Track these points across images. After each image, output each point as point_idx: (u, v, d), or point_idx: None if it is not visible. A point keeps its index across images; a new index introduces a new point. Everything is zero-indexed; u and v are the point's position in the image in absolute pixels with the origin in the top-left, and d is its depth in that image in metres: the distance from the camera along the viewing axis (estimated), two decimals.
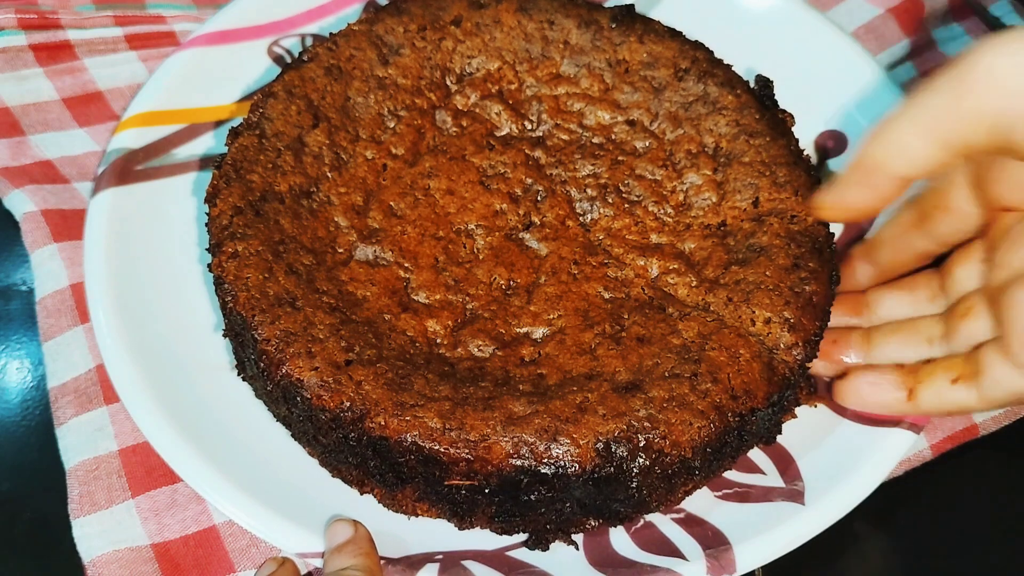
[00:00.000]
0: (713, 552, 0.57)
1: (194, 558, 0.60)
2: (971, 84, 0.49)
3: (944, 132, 0.51)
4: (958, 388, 0.57)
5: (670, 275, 0.64)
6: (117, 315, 0.65)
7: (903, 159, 0.53)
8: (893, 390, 0.61)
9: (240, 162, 0.66)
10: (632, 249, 0.66)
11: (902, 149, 0.52)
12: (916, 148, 0.52)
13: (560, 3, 0.77)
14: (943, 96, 0.50)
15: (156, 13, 0.90)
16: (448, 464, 0.55)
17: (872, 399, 0.62)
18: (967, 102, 0.49)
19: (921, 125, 0.51)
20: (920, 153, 0.52)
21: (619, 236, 0.67)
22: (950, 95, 0.50)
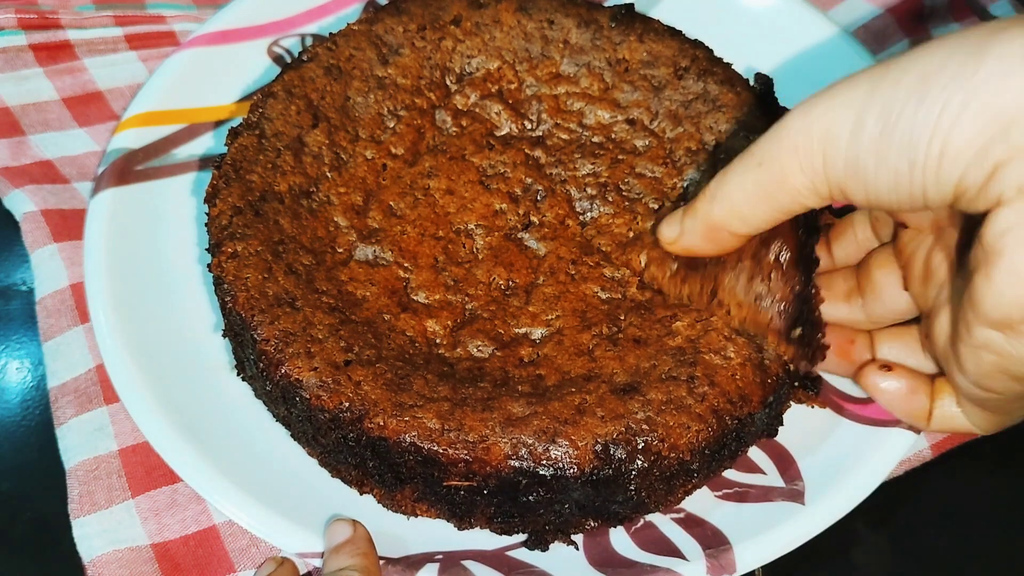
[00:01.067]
0: (713, 552, 0.57)
1: (194, 558, 0.60)
2: (783, 162, 0.48)
3: (775, 204, 0.50)
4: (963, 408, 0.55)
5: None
6: (117, 315, 0.65)
7: (743, 224, 0.53)
8: (923, 400, 0.57)
9: (240, 162, 0.66)
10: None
11: (740, 216, 0.52)
12: (754, 215, 0.52)
13: (560, 2, 0.77)
14: (760, 173, 0.50)
15: (156, 13, 0.90)
16: (447, 465, 0.55)
17: (902, 406, 0.57)
18: (786, 181, 0.48)
19: (753, 197, 0.51)
20: (759, 218, 0.52)
21: (620, 234, 0.67)
22: (766, 173, 0.49)
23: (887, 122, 0.44)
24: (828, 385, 0.66)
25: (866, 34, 0.90)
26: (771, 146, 0.49)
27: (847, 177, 0.46)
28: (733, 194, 0.52)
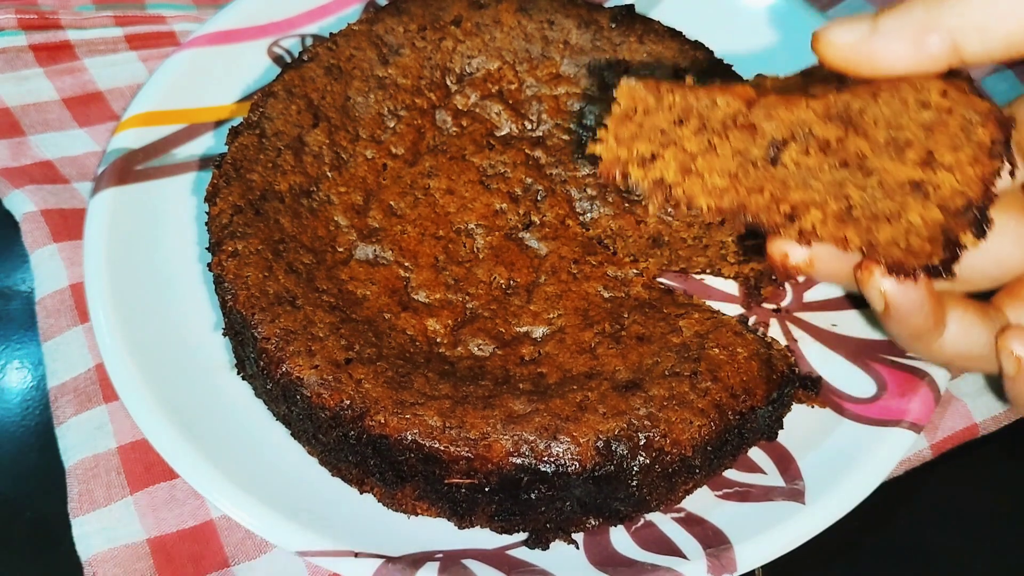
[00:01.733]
0: (713, 551, 0.57)
1: (189, 552, 0.60)
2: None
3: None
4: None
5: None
6: (117, 314, 0.65)
7: (979, 38, 0.44)
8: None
9: (240, 161, 0.66)
10: (632, 245, 0.66)
11: (984, 26, 0.42)
12: (1007, 31, 0.43)
13: (560, 3, 0.77)
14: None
15: (156, 13, 0.90)
16: (448, 462, 0.55)
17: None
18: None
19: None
20: (1009, 39, 0.43)
21: (620, 234, 0.67)
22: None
23: None
24: (828, 385, 0.66)
25: None
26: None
27: None
28: (987, 2, 0.43)
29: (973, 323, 0.53)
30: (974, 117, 0.46)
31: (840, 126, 0.47)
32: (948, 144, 0.46)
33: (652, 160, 0.50)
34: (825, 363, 0.67)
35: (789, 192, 0.49)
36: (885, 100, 0.46)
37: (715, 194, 0.50)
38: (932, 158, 0.47)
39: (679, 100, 0.48)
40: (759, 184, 0.49)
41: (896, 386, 0.64)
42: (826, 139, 0.48)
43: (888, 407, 0.64)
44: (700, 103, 0.48)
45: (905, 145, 0.47)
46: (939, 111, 0.46)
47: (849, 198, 0.49)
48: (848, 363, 0.67)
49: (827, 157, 0.48)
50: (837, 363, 0.67)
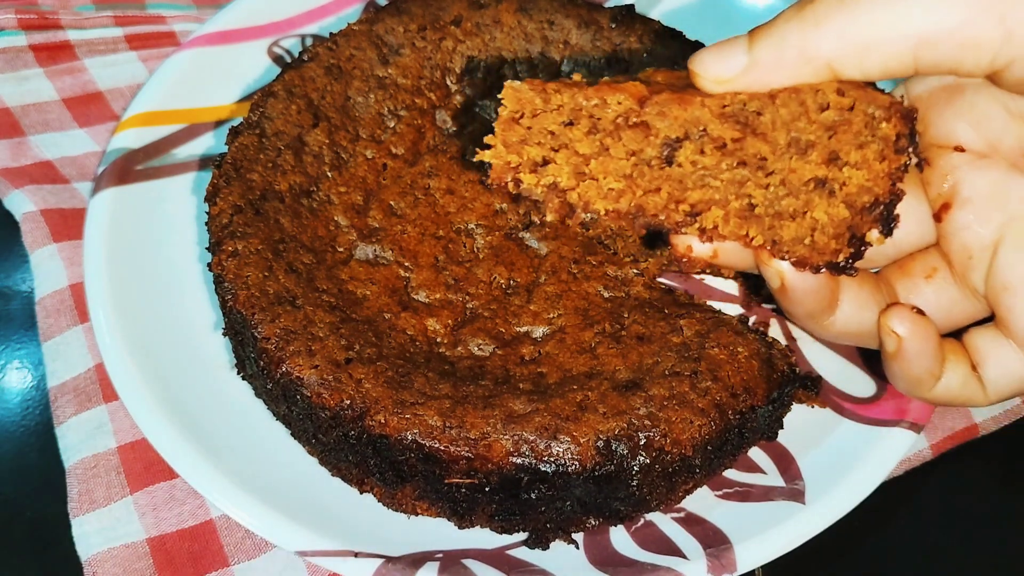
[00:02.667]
0: (714, 551, 0.57)
1: (189, 552, 0.60)
2: (976, 4, 0.41)
3: (928, 52, 0.43)
4: (967, 381, 0.52)
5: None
6: (117, 314, 0.65)
7: (857, 65, 0.44)
8: (935, 363, 0.52)
9: (240, 161, 0.66)
10: (632, 245, 0.66)
11: (861, 55, 0.44)
12: (882, 60, 0.44)
13: (560, 3, 0.77)
14: (925, 7, 0.42)
15: (156, 13, 0.90)
16: (448, 462, 0.55)
17: (917, 362, 0.52)
18: (965, 30, 0.42)
19: (897, 35, 0.43)
20: (886, 65, 0.44)
21: (620, 234, 0.67)
22: (939, 10, 0.42)
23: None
24: (828, 385, 0.66)
25: None
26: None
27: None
28: (866, 22, 0.43)
29: (866, 301, 0.53)
30: (877, 112, 0.45)
31: (736, 127, 0.46)
32: (853, 142, 0.46)
33: (544, 165, 0.49)
34: (825, 363, 0.67)
35: (687, 192, 0.49)
36: (783, 102, 0.46)
37: (611, 197, 0.49)
38: (837, 158, 0.46)
39: (568, 100, 0.47)
40: (656, 184, 0.49)
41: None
42: (722, 139, 0.47)
43: (888, 407, 0.64)
44: (590, 103, 0.47)
45: (807, 146, 0.46)
46: (840, 110, 0.45)
47: (751, 197, 0.48)
48: (848, 363, 0.67)
49: (724, 157, 0.47)
50: (837, 363, 0.67)
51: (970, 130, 0.51)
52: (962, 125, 0.51)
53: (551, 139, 0.48)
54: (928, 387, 0.53)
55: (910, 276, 0.55)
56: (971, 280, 0.52)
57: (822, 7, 0.44)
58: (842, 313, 0.53)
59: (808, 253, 0.49)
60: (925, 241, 0.54)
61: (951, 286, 0.54)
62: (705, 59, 0.46)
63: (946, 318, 0.54)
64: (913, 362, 0.51)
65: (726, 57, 0.46)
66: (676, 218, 0.49)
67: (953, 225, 0.52)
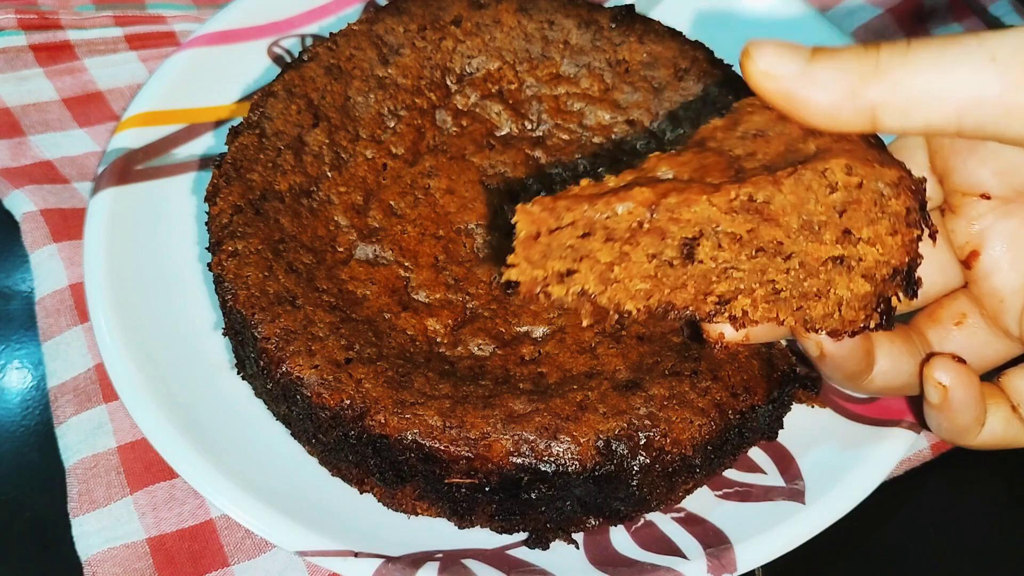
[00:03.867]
0: (713, 551, 0.57)
1: (189, 551, 0.60)
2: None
3: (974, 117, 0.42)
4: (1011, 422, 0.53)
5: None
6: (117, 314, 0.65)
7: (900, 118, 0.43)
8: (979, 409, 0.53)
9: (240, 161, 0.66)
10: None
11: (906, 109, 0.43)
12: (926, 116, 0.43)
13: (560, 3, 0.77)
14: (984, 72, 0.41)
15: (156, 13, 0.90)
16: (448, 462, 0.55)
17: (963, 412, 0.52)
18: (1019, 95, 0.41)
19: (947, 95, 0.42)
20: (928, 122, 0.43)
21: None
22: (994, 75, 0.41)
23: None
24: (828, 385, 0.66)
25: (866, 34, 0.90)
26: (1019, 47, 0.41)
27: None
28: (918, 79, 0.43)
29: (901, 354, 0.54)
30: (886, 189, 0.45)
31: (748, 218, 0.46)
32: (864, 220, 0.46)
33: (570, 275, 0.49)
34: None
35: (712, 284, 0.49)
36: (789, 188, 0.46)
37: (640, 297, 0.49)
38: (850, 234, 0.47)
39: (579, 216, 0.47)
40: (681, 281, 0.49)
41: None
42: (736, 233, 0.47)
43: (888, 407, 0.64)
44: (601, 216, 0.46)
45: (820, 227, 0.47)
46: (848, 189, 0.45)
47: (774, 282, 0.49)
48: None
49: (742, 248, 0.47)
50: None
51: (995, 178, 0.51)
52: (986, 173, 0.51)
53: (571, 251, 0.48)
54: (974, 434, 0.53)
55: (940, 323, 0.55)
56: (1003, 322, 0.53)
57: (886, 56, 0.44)
58: (880, 369, 0.54)
59: (839, 326, 0.49)
60: (950, 287, 0.55)
61: (982, 329, 0.54)
62: (765, 49, 0.46)
63: (979, 360, 0.54)
64: (960, 411, 0.52)
65: (784, 57, 0.45)
66: (706, 309, 0.50)
67: (983, 270, 0.52)
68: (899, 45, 0.44)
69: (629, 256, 0.48)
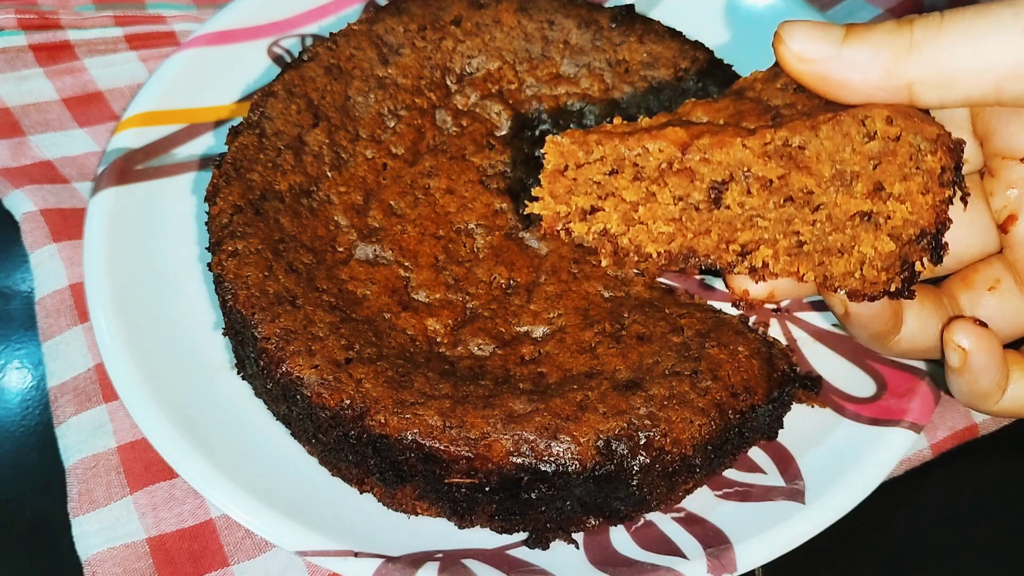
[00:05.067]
0: (714, 551, 0.57)
1: (189, 551, 0.60)
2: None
3: (1013, 87, 0.42)
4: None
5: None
6: (117, 314, 0.65)
7: (937, 91, 0.44)
8: (1000, 375, 0.52)
9: (240, 161, 0.66)
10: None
11: (945, 84, 0.43)
12: (964, 90, 0.43)
13: (560, 3, 0.77)
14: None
15: (156, 13, 0.90)
16: (448, 462, 0.55)
17: (984, 375, 0.52)
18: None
19: (987, 67, 0.43)
20: (966, 95, 0.43)
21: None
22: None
23: None
24: (828, 385, 0.66)
25: None
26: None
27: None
28: (955, 53, 0.43)
29: (930, 316, 0.54)
30: (923, 144, 0.45)
31: (781, 163, 0.46)
32: (897, 174, 0.46)
33: (593, 213, 0.49)
34: (825, 363, 0.67)
35: (736, 232, 0.49)
36: (827, 134, 0.45)
37: (662, 240, 0.49)
38: (881, 188, 0.46)
39: (609, 151, 0.46)
40: (705, 227, 0.48)
41: (896, 386, 0.64)
42: (767, 178, 0.47)
43: (888, 407, 0.64)
44: (632, 152, 0.46)
45: (852, 178, 0.46)
46: (885, 140, 0.45)
47: (799, 234, 0.48)
48: (848, 363, 0.67)
49: (771, 195, 0.47)
50: (837, 363, 0.67)
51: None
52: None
53: (597, 188, 0.48)
54: (994, 399, 0.53)
55: (973, 288, 0.55)
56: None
57: (919, 32, 0.44)
58: (907, 331, 0.54)
59: (860, 286, 0.49)
60: (987, 251, 0.54)
61: (1015, 296, 0.54)
62: (797, 32, 0.46)
63: (1011, 327, 0.54)
64: (980, 375, 0.52)
65: (817, 39, 0.45)
66: (727, 258, 0.50)
67: (1020, 236, 0.52)
68: (932, 19, 0.43)
69: (655, 197, 0.48)
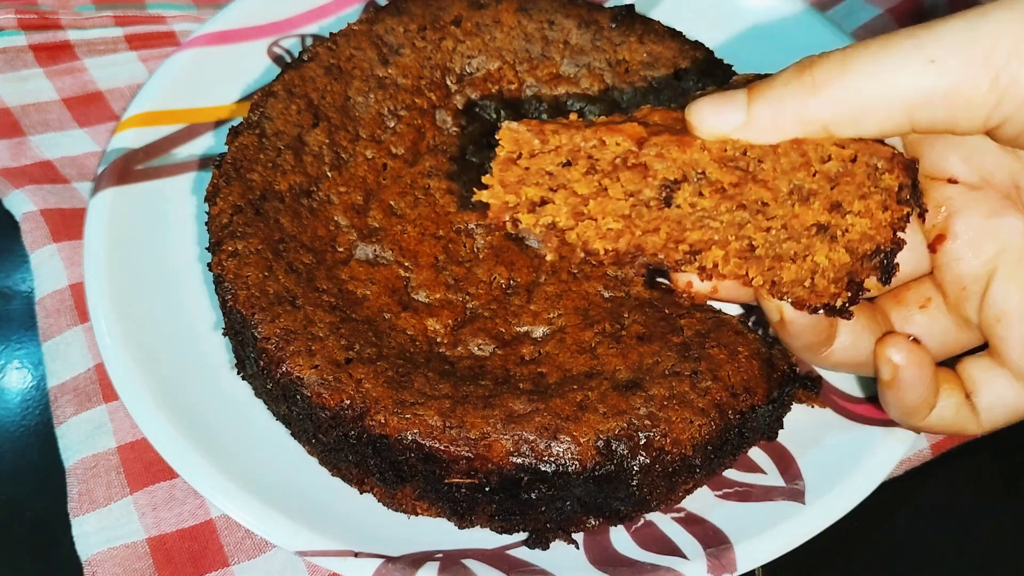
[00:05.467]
0: (714, 551, 0.57)
1: (189, 552, 0.60)
2: (968, 69, 0.42)
3: (925, 114, 0.44)
4: (960, 409, 0.53)
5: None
6: (117, 314, 0.65)
7: (852, 126, 0.45)
8: (929, 391, 0.53)
9: (240, 161, 0.66)
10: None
11: (856, 117, 0.44)
12: (878, 121, 0.44)
13: (560, 3, 0.77)
14: (926, 74, 0.43)
15: (156, 13, 0.90)
16: (448, 462, 0.55)
17: (913, 390, 0.53)
18: (961, 91, 0.43)
19: (894, 98, 0.44)
20: (882, 126, 0.45)
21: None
22: (937, 75, 0.43)
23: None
24: (828, 385, 0.66)
25: (866, 34, 0.90)
26: (955, 44, 0.42)
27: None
28: (861, 89, 0.44)
29: (862, 331, 0.54)
30: (880, 163, 0.45)
31: (736, 173, 0.46)
32: (855, 192, 0.46)
33: (542, 205, 0.48)
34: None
35: (686, 232, 0.48)
36: (784, 151, 0.45)
37: (610, 237, 0.49)
38: (840, 206, 0.46)
39: (566, 141, 0.46)
40: (654, 225, 0.48)
41: None
42: (721, 183, 0.46)
43: None
44: (588, 144, 0.46)
45: (809, 195, 0.46)
46: (842, 161, 0.45)
47: (751, 238, 0.48)
48: None
49: (723, 200, 0.47)
50: None
51: (962, 164, 0.51)
52: (954, 159, 0.51)
53: (549, 179, 0.47)
54: (922, 416, 0.53)
55: (905, 305, 0.55)
56: (964, 310, 0.53)
57: (820, 73, 0.44)
58: (839, 344, 0.54)
59: (807, 295, 0.49)
60: (919, 271, 0.55)
61: (944, 315, 0.54)
62: (702, 110, 0.47)
63: (940, 347, 0.55)
64: (909, 391, 0.52)
65: (723, 112, 0.46)
66: (676, 257, 0.49)
67: (947, 256, 0.53)
68: (834, 57, 0.44)
69: (607, 191, 0.47)
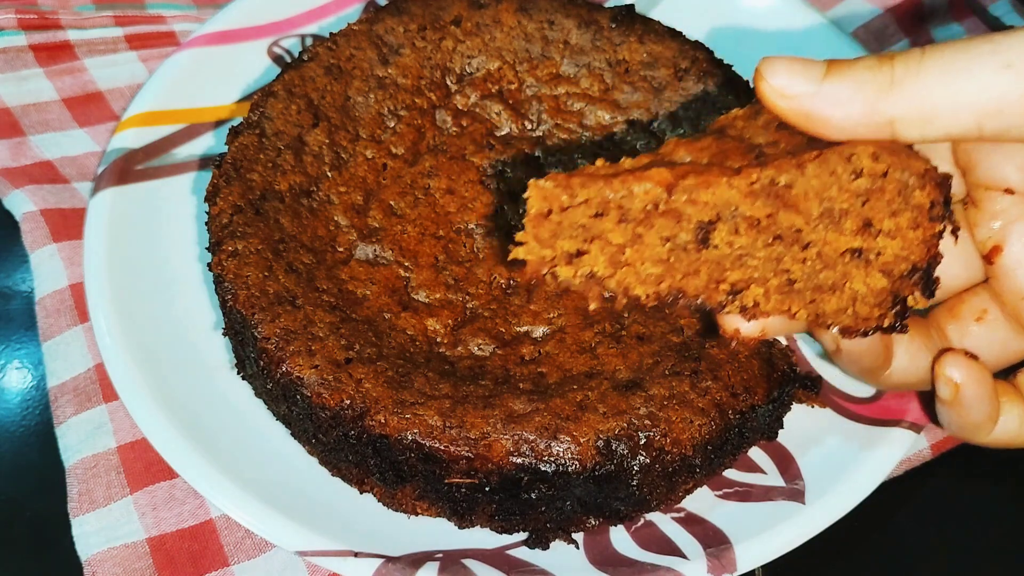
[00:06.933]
0: (714, 551, 0.57)
1: (189, 551, 0.60)
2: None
3: (993, 122, 0.43)
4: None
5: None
6: (117, 314, 0.65)
7: (918, 128, 0.44)
8: (992, 407, 0.52)
9: (240, 161, 0.66)
10: None
11: (926, 120, 0.43)
12: (943, 126, 0.43)
13: (560, 3, 0.77)
14: (1001, 79, 0.42)
15: (156, 13, 0.90)
16: (448, 462, 0.55)
17: (975, 408, 0.52)
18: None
19: (966, 103, 0.43)
20: (946, 130, 0.43)
21: None
22: (1013, 82, 0.42)
23: None
24: (828, 385, 0.66)
25: (866, 34, 0.90)
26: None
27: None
28: (934, 91, 0.43)
29: (920, 349, 0.54)
30: (911, 180, 0.45)
31: (768, 202, 0.45)
32: (886, 210, 0.45)
33: (579, 256, 0.47)
34: (825, 363, 0.67)
35: (726, 272, 0.48)
36: (813, 172, 0.45)
37: (651, 282, 0.48)
38: (870, 225, 0.46)
39: (594, 194, 0.45)
40: (694, 267, 0.48)
41: None
42: (755, 217, 0.46)
43: (888, 407, 0.64)
44: (616, 195, 0.45)
45: (841, 215, 0.46)
46: (873, 177, 0.45)
47: (789, 272, 0.48)
48: None
49: (759, 234, 0.46)
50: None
51: (1018, 173, 0.50)
52: (1011, 168, 0.50)
53: (583, 231, 0.47)
54: (987, 431, 0.52)
55: (960, 318, 0.54)
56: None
57: (900, 69, 0.44)
58: (898, 364, 0.54)
59: (852, 322, 0.49)
60: (972, 281, 0.54)
61: (1002, 326, 0.54)
62: (777, 68, 0.46)
63: (998, 358, 0.54)
64: (971, 408, 0.51)
65: (798, 75, 0.45)
66: (717, 298, 0.49)
67: (1005, 266, 0.52)
68: (913, 55, 0.43)
69: (642, 238, 0.47)
